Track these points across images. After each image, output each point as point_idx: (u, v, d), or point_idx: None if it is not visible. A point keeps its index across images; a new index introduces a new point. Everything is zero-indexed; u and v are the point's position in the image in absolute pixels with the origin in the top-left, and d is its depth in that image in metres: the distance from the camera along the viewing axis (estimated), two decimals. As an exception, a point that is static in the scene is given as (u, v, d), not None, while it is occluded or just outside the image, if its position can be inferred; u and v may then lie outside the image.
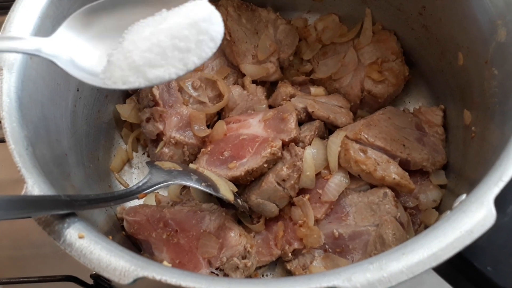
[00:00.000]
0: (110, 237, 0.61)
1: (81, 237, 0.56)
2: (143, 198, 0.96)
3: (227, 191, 0.84)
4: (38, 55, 0.66)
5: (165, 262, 0.62)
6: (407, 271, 0.50)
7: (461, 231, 0.52)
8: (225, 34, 1.07)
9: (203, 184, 0.81)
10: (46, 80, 0.81)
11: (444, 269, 0.53)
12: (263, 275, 0.95)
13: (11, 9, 0.79)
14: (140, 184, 0.74)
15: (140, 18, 0.69)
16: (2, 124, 0.68)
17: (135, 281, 0.52)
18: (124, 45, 0.66)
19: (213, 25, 0.67)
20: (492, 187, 0.56)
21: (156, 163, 0.83)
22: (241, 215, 0.95)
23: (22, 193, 0.60)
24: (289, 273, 0.91)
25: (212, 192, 0.82)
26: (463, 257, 0.54)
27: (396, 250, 0.52)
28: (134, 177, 1.09)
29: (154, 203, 0.98)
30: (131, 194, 0.71)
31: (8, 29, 0.77)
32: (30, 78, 0.76)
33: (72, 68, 0.66)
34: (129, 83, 0.65)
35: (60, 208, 0.58)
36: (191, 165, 0.93)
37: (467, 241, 0.51)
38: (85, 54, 0.69)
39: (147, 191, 0.74)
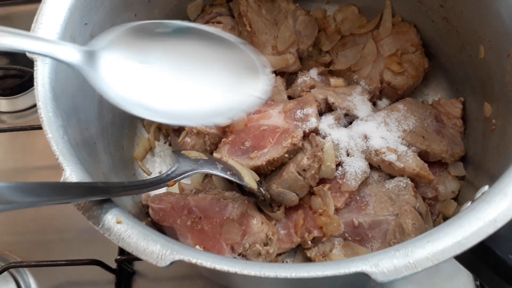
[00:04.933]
0: (144, 222, 0.64)
1: (119, 222, 0.59)
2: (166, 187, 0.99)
3: (251, 180, 0.87)
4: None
5: (197, 247, 0.65)
6: (432, 258, 0.52)
7: (485, 220, 0.54)
8: (245, 25, 1.09)
9: (228, 173, 0.84)
10: (75, 71, 0.83)
11: (466, 257, 0.55)
12: (283, 262, 0.97)
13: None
14: (169, 172, 0.77)
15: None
16: (38, 113, 0.70)
17: (171, 264, 0.55)
18: None
19: None
20: (515, 180, 0.57)
21: (183, 152, 0.85)
22: (262, 203, 0.98)
23: (61, 180, 0.63)
24: (308, 260, 0.93)
25: (237, 180, 0.84)
26: (485, 246, 0.56)
27: (422, 238, 0.54)
28: (156, 165, 1.12)
29: (177, 191, 1.01)
30: (161, 181, 0.74)
31: (40, 21, 0.79)
32: (61, 69, 0.78)
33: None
34: None
35: (98, 195, 0.61)
36: (215, 154, 0.95)
37: (491, 230, 0.53)
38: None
39: (176, 179, 0.76)
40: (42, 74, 0.75)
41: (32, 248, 1.17)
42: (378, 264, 0.51)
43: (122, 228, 0.58)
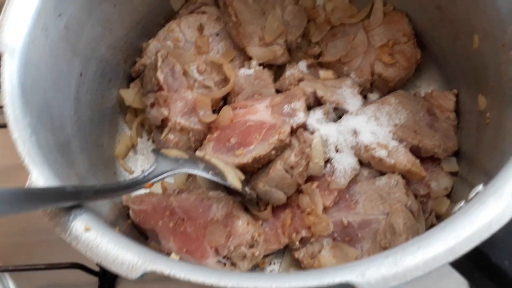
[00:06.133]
0: (117, 228, 0.60)
1: (87, 229, 0.55)
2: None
3: (234, 180, 0.83)
4: None
5: (173, 255, 0.61)
6: (423, 266, 0.48)
7: (479, 224, 0.50)
8: (231, 15, 1.05)
9: (210, 172, 0.80)
10: (48, 65, 0.79)
11: (459, 263, 0.52)
12: (270, 263, 0.94)
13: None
14: (146, 173, 0.73)
15: None
16: (4, 111, 0.66)
17: (142, 276, 0.51)
18: None
19: None
20: (511, 179, 0.54)
21: (162, 151, 0.81)
22: (248, 202, 0.94)
23: (27, 184, 0.58)
24: (297, 262, 0.90)
25: (219, 180, 0.80)
26: (479, 251, 0.52)
27: (411, 244, 0.51)
28: (139, 163, 1.07)
29: (160, 191, 0.97)
30: (137, 183, 0.70)
31: (9, 12, 0.74)
32: (32, 63, 0.74)
33: None
34: None
35: (67, 200, 0.56)
36: (197, 153, 0.91)
37: (485, 234, 0.50)
38: None
39: (153, 180, 0.72)
40: (9, 68, 0.70)
41: (12, 250, 1.12)
42: (365, 273, 0.48)
43: (90, 236, 0.54)
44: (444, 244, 0.49)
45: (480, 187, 0.58)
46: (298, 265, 0.90)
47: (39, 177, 0.60)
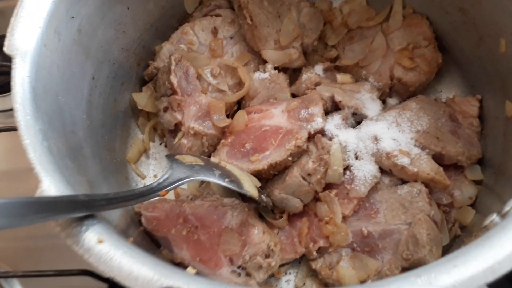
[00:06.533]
0: (131, 239, 0.57)
1: (100, 241, 0.52)
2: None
3: (251, 187, 0.80)
4: None
5: (189, 269, 0.58)
6: (460, 286, 0.45)
7: (520, 241, 0.47)
8: (246, 18, 1.02)
9: (226, 179, 0.77)
10: (60, 69, 0.77)
11: (497, 283, 0.48)
12: (286, 273, 0.91)
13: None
14: (161, 180, 0.70)
15: None
16: (15, 117, 0.64)
17: (159, 291, 0.48)
18: None
19: None
20: (551, 193, 0.50)
21: (177, 157, 0.78)
22: (263, 209, 0.91)
23: (37, 193, 0.56)
24: (314, 273, 0.87)
25: (236, 188, 0.77)
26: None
27: (446, 261, 0.47)
28: (151, 168, 1.05)
29: (172, 197, 0.94)
30: (152, 191, 0.67)
31: (21, 14, 0.72)
32: (44, 66, 0.72)
33: None
34: None
35: (79, 210, 0.54)
36: (212, 159, 0.88)
37: (527, 253, 0.46)
38: None
39: (168, 188, 0.69)
40: (21, 73, 0.68)
41: (21, 255, 1.11)
42: (397, 293, 0.45)
43: (104, 248, 0.52)
44: (482, 262, 0.46)
45: (515, 200, 0.55)
46: (315, 276, 0.87)
47: (51, 185, 0.57)
